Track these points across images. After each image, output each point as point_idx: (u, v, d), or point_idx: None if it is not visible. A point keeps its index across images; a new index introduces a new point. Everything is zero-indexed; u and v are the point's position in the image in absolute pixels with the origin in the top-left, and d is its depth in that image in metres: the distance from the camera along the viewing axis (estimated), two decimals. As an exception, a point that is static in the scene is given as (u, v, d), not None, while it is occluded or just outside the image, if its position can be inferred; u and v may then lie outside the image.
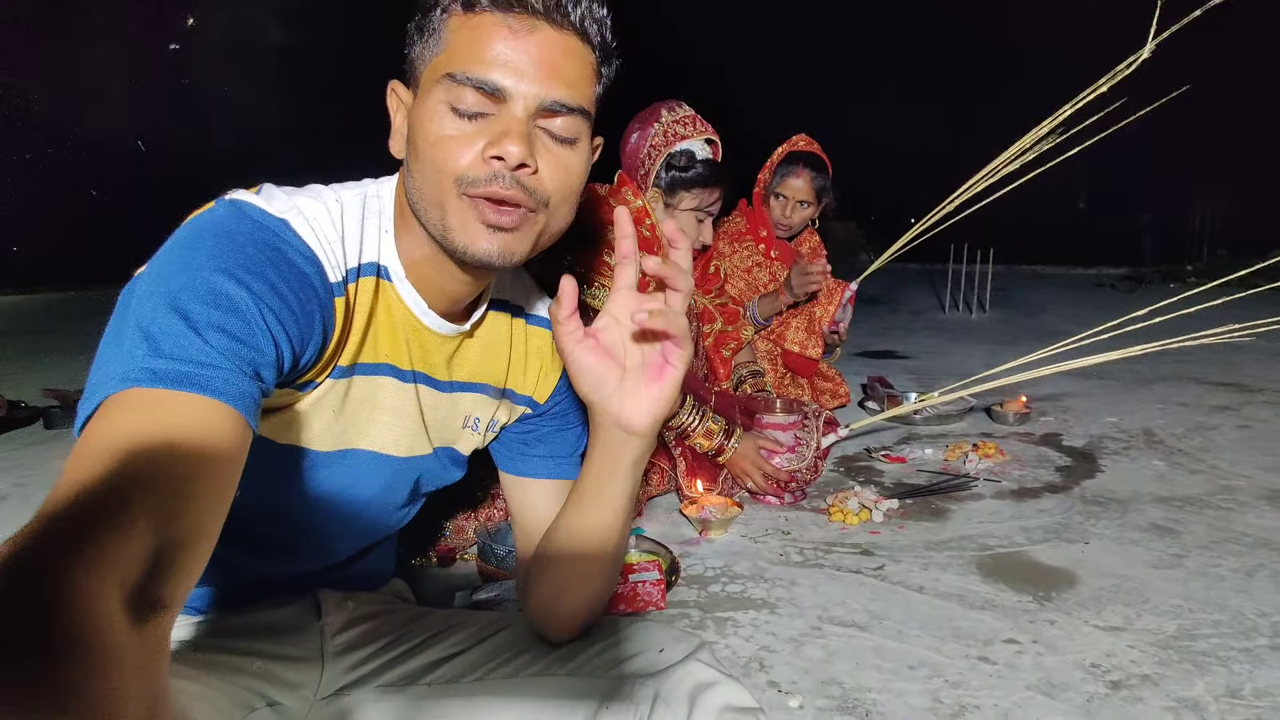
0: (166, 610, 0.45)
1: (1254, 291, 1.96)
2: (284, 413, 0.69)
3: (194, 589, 0.76)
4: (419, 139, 0.65)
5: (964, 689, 1.13)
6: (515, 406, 0.87)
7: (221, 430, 0.52)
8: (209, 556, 0.51)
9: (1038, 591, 1.43)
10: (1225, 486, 2.00)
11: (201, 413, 0.52)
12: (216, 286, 0.56)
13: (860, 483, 2.07)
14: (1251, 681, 1.14)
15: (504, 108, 0.64)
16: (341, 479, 0.75)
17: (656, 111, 1.85)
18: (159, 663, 0.43)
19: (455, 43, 0.64)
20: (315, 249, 0.64)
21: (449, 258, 0.69)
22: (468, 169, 0.63)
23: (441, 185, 0.64)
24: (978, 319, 5.85)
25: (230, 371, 0.54)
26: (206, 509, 0.50)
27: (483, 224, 0.64)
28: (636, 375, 0.65)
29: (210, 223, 0.60)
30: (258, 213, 0.62)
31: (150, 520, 0.45)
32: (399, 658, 0.80)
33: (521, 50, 0.63)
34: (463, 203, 0.64)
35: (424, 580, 1.51)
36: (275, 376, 0.60)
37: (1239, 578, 1.48)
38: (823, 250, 2.81)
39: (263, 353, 0.57)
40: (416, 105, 0.67)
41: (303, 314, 0.61)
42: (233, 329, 0.55)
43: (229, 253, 0.58)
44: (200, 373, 0.52)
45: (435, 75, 0.65)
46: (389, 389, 0.74)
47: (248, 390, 0.55)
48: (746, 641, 1.27)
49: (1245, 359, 3.72)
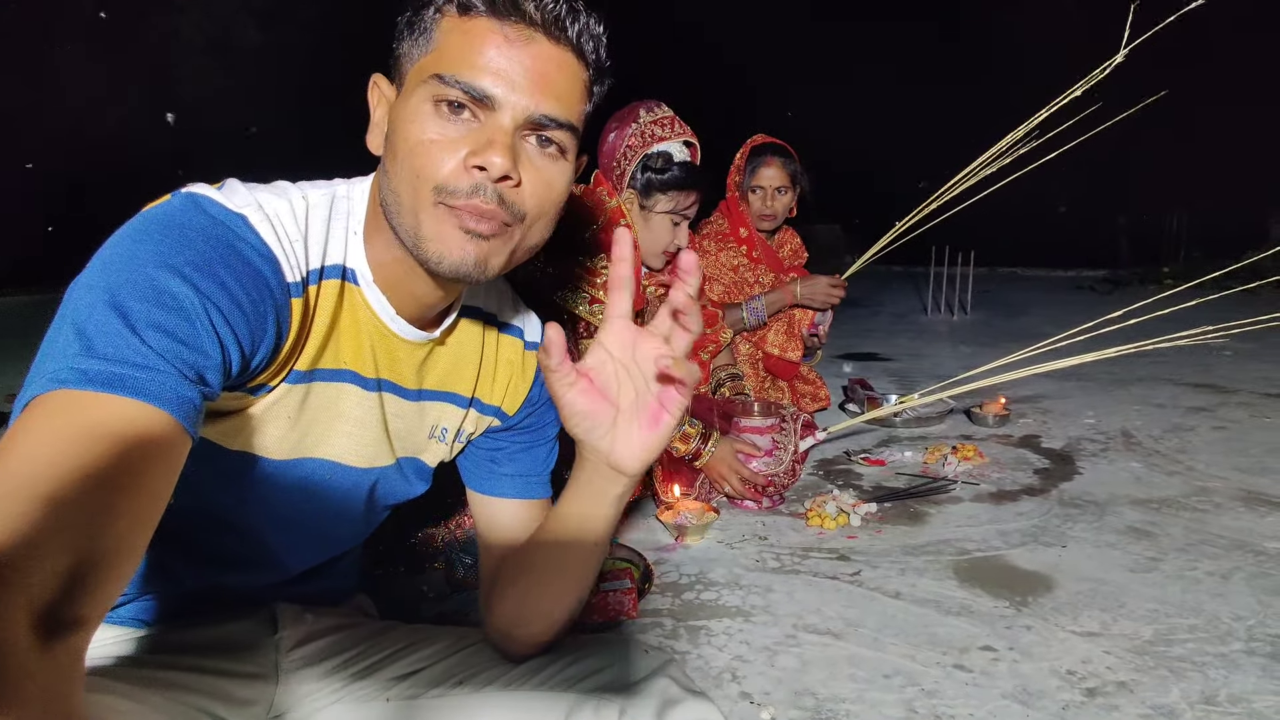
0: (82, 629, 0.43)
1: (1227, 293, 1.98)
2: (235, 417, 0.65)
3: (138, 601, 0.73)
4: (398, 140, 0.62)
5: (939, 698, 1.11)
6: (483, 417, 0.84)
7: (154, 437, 0.49)
8: (134, 571, 0.48)
9: (1014, 597, 1.42)
10: (1201, 488, 2.01)
11: (132, 418, 0.48)
12: (159, 283, 0.52)
13: (839, 486, 2.06)
14: (1227, 687, 1.13)
15: (491, 116, 0.61)
16: (297, 489, 0.72)
17: (635, 111, 1.82)
18: (70, 683, 0.41)
19: (447, 44, 0.62)
20: (273, 246, 0.60)
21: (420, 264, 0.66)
22: (448, 178, 0.61)
23: (418, 192, 0.61)
24: (959, 321, 5.88)
25: (168, 374, 0.50)
26: (132, 522, 0.47)
27: (460, 229, 0.62)
28: (630, 417, 0.61)
29: (161, 215, 0.57)
30: (214, 207, 0.58)
31: (67, 535, 0.42)
32: (359, 674, 0.78)
33: (515, 60, 0.61)
34: (439, 211, 0.61)
35: (389, 591, 1.47)
36: (222, 380, 0.56)
37: (1215, 581, 1.48)
38: (804, 252, 2.80)
39: (207, 355, 0.54)
40: (399, 102, 0.64)
41: (254, 314, 0.58)
42: (174, 329, 0.52)
43: (177, 247, 0.54)
44: (134, 375, 0.49)
45: (422, 74, 0.62)
46: (351, 397, 0.71)
47: (187, 395, 0.51)
48: (720, 651, 1.24)
49: (1219, 360, 3.75)
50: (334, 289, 0.67)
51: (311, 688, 0.77)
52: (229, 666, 0.72)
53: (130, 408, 0.48)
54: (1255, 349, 3.96)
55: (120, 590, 0.47)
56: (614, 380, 0.60)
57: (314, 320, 0.66)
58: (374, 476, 0.77)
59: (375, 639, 0.82)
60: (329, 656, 0.79)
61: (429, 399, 0.79)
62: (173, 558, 0.73)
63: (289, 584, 0.81)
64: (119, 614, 0.73)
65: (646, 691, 0.69)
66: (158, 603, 0.74)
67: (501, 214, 0.62)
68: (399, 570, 1.53)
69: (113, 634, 0.72)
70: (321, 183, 0.70)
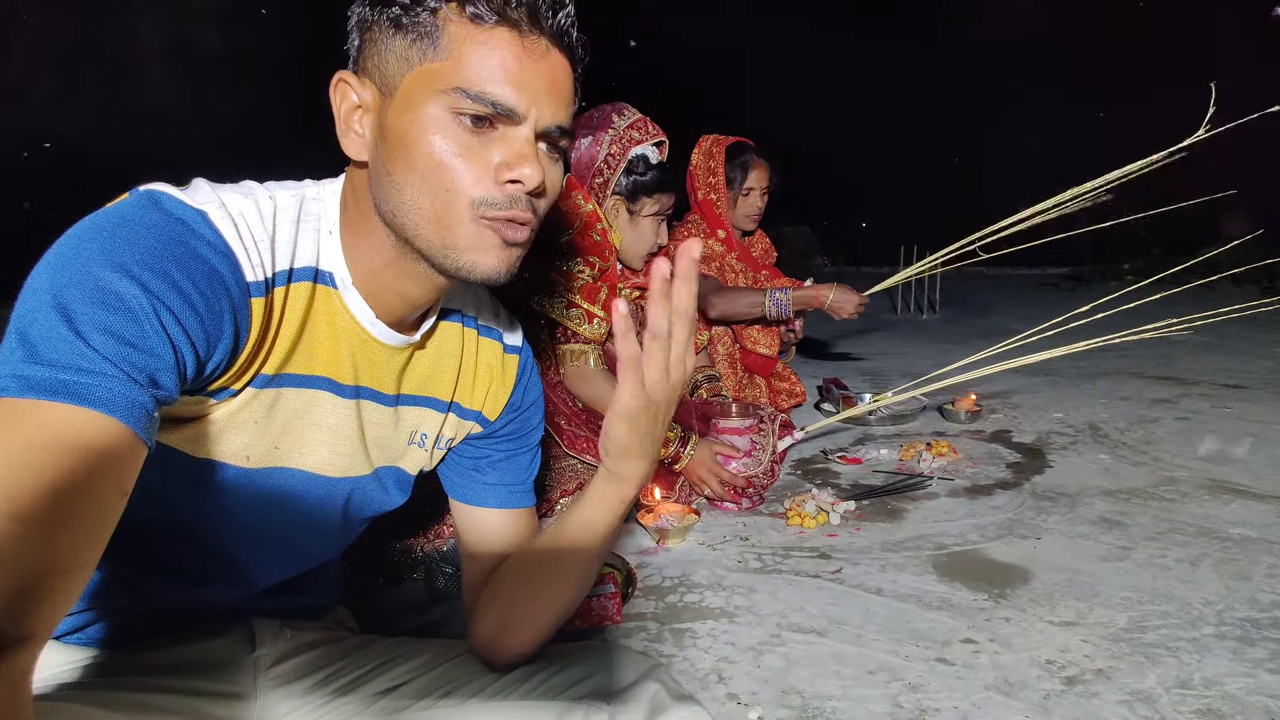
0: (27, 646, 0.42)
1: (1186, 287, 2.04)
2: (199, 423, 0.63)
3: (105, 620, 0.71)
4: (415, 152, 0.61)
5: (923, 692, 1.12)
6: (463, 422, 0.83)
7: (102, 446, 0.47)
8: (85, 584, 0.47)
9: (993, 589, 1.44)
10: (1168, 478, 2.06)
11: (79, 426, 0.46)
12: (105, 283, 0.50)
13: (817, 485, 2.07)
14: (1200, 671, 1.16)
15: (513, 129, 0.62)
16: (269, 500, 0.70)
17: (607, 117, 1.83)
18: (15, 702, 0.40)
19: (464, 54, 0.60)
20: (233, 244, 0.58)
21: (425, 265, 0.66)
22: (486, 192, 0.61)
23: (451, 206, 0.61)
24: (929, 319, 5.97)
25: (116, 379, 0.49)
26: (81, 535, 0.45)
27: (501, 240, 0.63)
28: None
29: (112, 213, 0.55)
30: (171, 203, 0.56)
31: (9, 550, 0.41)
32: (341, 690, 0.76)
33: (535, 74, 0.62)
34: (479, 225, 0.62)
35: (369, 603, 1.44)
36: (178, 382, 0.54)
37: (1184, 568, 1.51)
38: (774, 252, 2.83)
39: (158, 356, 0.52)
40: (401, 110, 0.61)
41: (209, 313, 0.56)
42: (121, 331, 0.50)
43: (126, 246, 0.52)
44: (80, 381, 0.47)
45: (437, 85, 0.60)
46: (325, 405, 0.69)
47: (137, 399, 0.49)
48: (705, 653, 1.24)
49: (1180, 353, 3.86)
50: (304, 292, 0.65)
51: (292, 705, 0.75)
52: (204, 686, 0.70)
53: (76, 415, 0.47)
54: (1213, 341, 4.08)
55: (70, 605, 0.46)
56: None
57: (281, 323, 0.64)
58: (350, 487, 0.75)
59: (356, 653, 0.81)
60: (309, 673, 0.77)
61: (407, 404, 0.77)
62: (140, 573, 0.71)
63: (265, 598, 0.78)
64: (87, 634, 0.70)
65: (635, 697, 0.69)
66: (126, 621, 0.72)
67: (535, 221, 0.65)
68: (379, 582, 1.50)
69: (79, 655, 0.69)
70: (290, 183, 0.68)
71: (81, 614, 0.70)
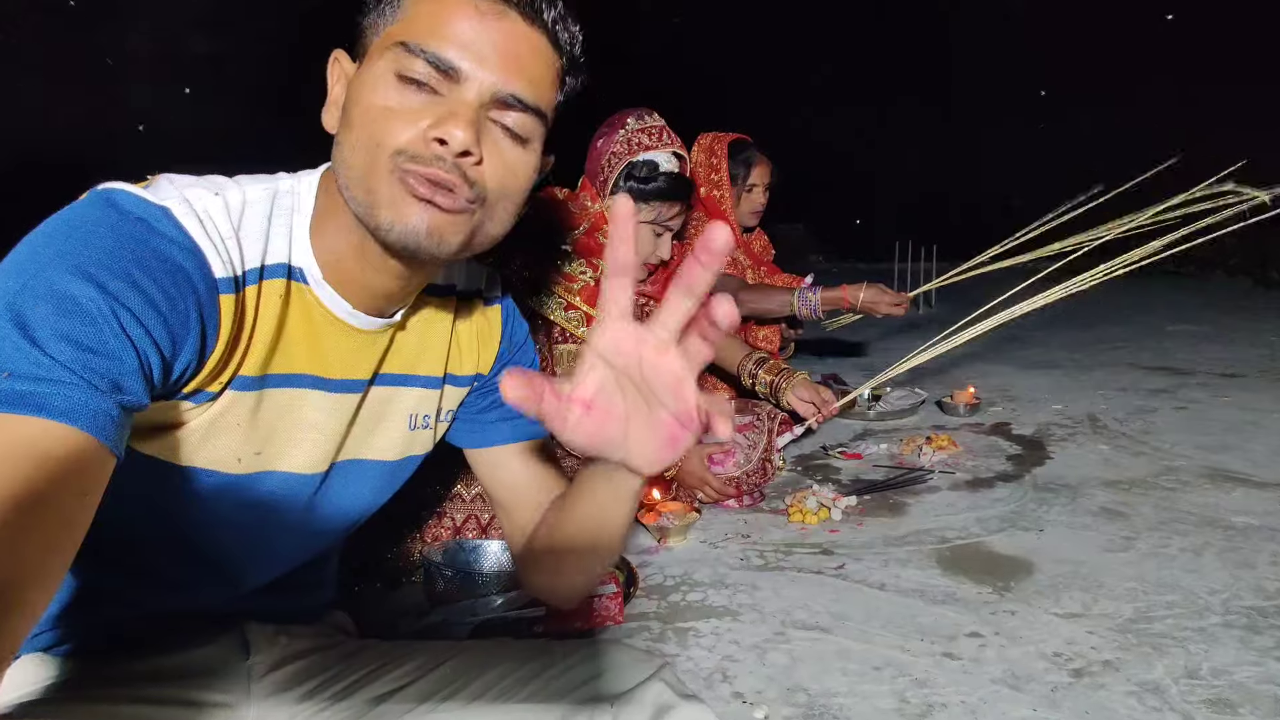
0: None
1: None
2: (178, 430, 0.61)
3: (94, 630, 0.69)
4: (355, 108, 0.60)
5: (930, 687, 1.11)
6: (459, 390, 0.81)
7: (64, 456, 0.45)
8: (50, 598, 0.45)
9: (997, 582, 1.43)
10: (1168, 467, 2.05)
11: (38, 438, 0.45)
12: (60, 287, 0.48)
13: (818, 481, 2.06)
14: (1208, 661, 1.15)
15: (455, 90, 0.59)
16: (258, 503, 0.68)
17: (623, 118, 1.78)
18: None
19: (416, 13, 0.60)
20: (199, 240, 0.56)
21: (376, 244, 0.62)
22: (407, 144, 0.58)
23: (375, 159, 0.58)
24: (925, 314, 5.97)
25: (75, 387, 0.47)
26: (45, 546, 0.44)
27: (413, 196, 0.58)
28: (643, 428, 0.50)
29: (67, 215, 0.53)
30: (130, 201, 0.54)
31: None
32: (338, 695, 0.74)
33: (485, 34, 0.59)
34: (394, 177, 0.58)
35: (366, 607, 1.42)
36: (145, 386, 0.52)
37: (1188, 557, 1.50)
38: (771, 249, 2.82)
39: (120, 361, 0.50)
40: (359, 72, 0.61)
41: (172, 311, 0.54)
42: (80, 336, 0.48)
43: (82, 248, 0.50)
44: (38, 390, 0.45)
45: (386, 43, 0.60)
46: (313, 402, 0.67)
47: (99, 407, 0.48)
48: (709, 652, 1.22)
49: (1176, 343, 3.86)
50: (279, 289, 0.63)
51: (287, 712, 0.73)
52: (195, 696, 0.68)
53: (33, 427, 0.45)
54: (1210, 331, 4.09)
55: (35, 619, 0.44)
56: (617, 394, 0.49)
57: (256, 322, 0.62)
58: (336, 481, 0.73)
59: (354, 658, 0.79)
60: (305, 679, 0.75)
61: (397, 384, 0.75)
62: (129, 582, 0.69)
63: (257, 599, 0.76)
64: (76, 645, 0.69)
65: (639, 699, 0.68)
66: (116, 631, 0.70)
67: (464, 190, 0.59)
68: (376, 586, 1.49)
69: (68, 666, 0.67)
70: (263, 177, 0.66)
71: (70, 626, 0.68)
